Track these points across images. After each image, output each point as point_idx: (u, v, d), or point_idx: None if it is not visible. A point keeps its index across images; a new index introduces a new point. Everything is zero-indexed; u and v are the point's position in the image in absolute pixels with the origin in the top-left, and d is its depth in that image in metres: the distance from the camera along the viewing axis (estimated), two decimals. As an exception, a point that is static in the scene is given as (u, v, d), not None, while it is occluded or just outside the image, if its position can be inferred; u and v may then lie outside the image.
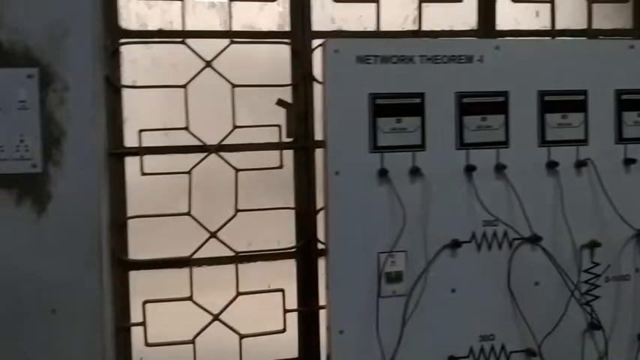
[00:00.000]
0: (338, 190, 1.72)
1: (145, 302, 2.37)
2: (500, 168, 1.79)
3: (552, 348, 1.87)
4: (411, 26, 2.54)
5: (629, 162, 1.90)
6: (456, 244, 1.78)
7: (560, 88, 1.86)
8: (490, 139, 1.81)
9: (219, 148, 2.38)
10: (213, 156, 2.41)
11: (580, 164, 1.87)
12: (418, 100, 1.75)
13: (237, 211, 2.40)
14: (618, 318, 1.93)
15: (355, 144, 1.72)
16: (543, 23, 2.65)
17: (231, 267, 2.46)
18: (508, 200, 1.81)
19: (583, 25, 2.68)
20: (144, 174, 2.33)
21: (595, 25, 2.70)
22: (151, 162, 2.40)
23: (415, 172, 1.74)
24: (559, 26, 2.66)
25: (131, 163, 2.39)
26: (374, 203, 1.73)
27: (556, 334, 1.86)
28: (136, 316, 2.40)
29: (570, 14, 2.68)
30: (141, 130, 2.33)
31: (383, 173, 1.72)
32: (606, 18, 2.71)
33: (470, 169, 1.78)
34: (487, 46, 1.81)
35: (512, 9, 2.63)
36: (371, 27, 2.50)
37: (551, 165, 1.84)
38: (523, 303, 1.83)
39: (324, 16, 2.46)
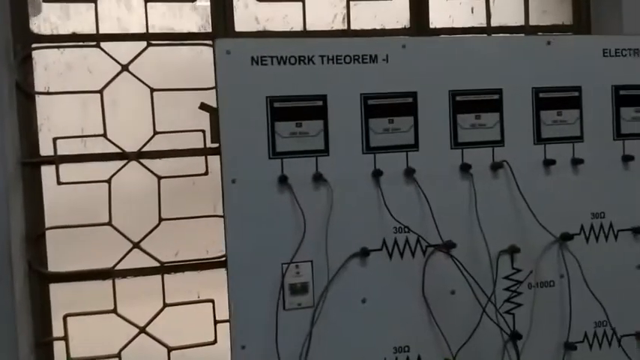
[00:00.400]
0: (235, 199, 1.62)
1: (66, 316, 2.28)
2: (409, 172, 1.70)
3: (472, 358, 1.77)
4: (340, 25, 2.45)
5: (548, 163, 1.81)
6: (364, 253, 1.69)
7: (472, 87, 1.76)
8: (398, 142, 1.71)
9: (140, 155, 2.29)
10: (136, 164, 2.32)
11: (496, 166, 1.77)
12: (320, 103, 1.66)
13: (161, 220, 2.31)
14: (543, 325, 1.83)
15: (253, 150, 1.62)
16: (479, 20, 2.57)
17: (159, 278, 2.37)
18: (419, 206, 1.72)
19: (521, 22, 2.60)
20: (60, 183, 2.24)
21: (534, 22, 2.61)
22: (72, 171, 2.31)
23: (318, 178, 1.64)
24: (496, 23, 2.57)
25: (49, 173, 2.29)
26: (275, 212, 1.63)
27: (475, 344, 1.76)
28: (57, 330, 2.31)
29: (507, 10, 2.60)
30: (55, 138, 2.24)
31: (283, 180, 1.63)
32: (545, 14, 2.63)
33: (377, 173, 1.68)
34: (393, 44, 1.72)
35: (446, 6, 2.54)
36: (298, 26, 2.41)
37: (465, 168, 1.74)
38: (439, 312, 1.74)
39: (247, 15, 2.38)
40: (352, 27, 2.49)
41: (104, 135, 2.33)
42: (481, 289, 1.72)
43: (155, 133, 2.36)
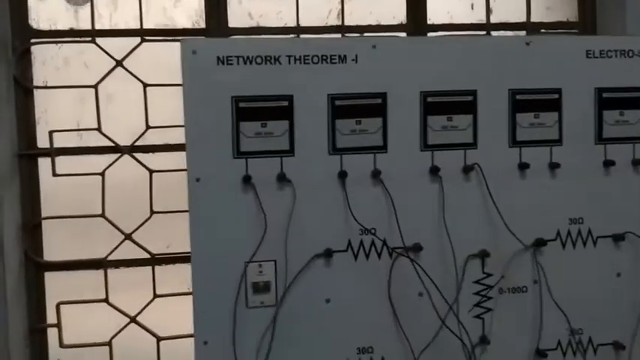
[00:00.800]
0: (199, 197, 1.65)
1: (59, 304, 2.36)
2: (376, 174, 1.70)
3: (439, 363, 1.76)
4: (335, 21, 2.45)
5: (523, 167, 1.77)
6: (328, 254, 1.69)
7: (445, 88, 1.74)
8: (366, 144, 1.70)
9: (133, 149, 2.34)
10: (130, 158, 2.37)
11: (467, 169, 1.75)
12: (285, 103, 1.67)
13: (153, 213, 2.36)
14: (514, 331, 1.81)
15: (217, 149, 1.64)
16: (479, 16, 2.52)
17: (150, 269, 2.42)
18: (387, 208, 1.71)
19: (523, 18, 2.54)
20: (55, 175, 2.31)
21: (537, 18, 2.56)
22: (68, 163, 2.38)
23: (282, 178, 1.66)
24: (497, 19, 2.53)
25: (46, 165, 2.37)
26: (239, 211, 1.65)
27: (441, 348, 1.75)
28: (51, 317, 2.39)
29: (509, 7, 2.55)
30: (51, 131, 2.31)
31: (247, 180, 1.65)
32: (549, 10, 2.57)
33: (343, 175, 1.69)
34: (362, 44, 1.70)
35: (445, 2, 2.51)
36: (291, 22, 2.42)
37: (434, 170, 1.73)
38: (405, 315, 1.73)
39: (241, 11, 2.40)
40: (347, 23, 2.48)
41: (98, 129, 2.38)
42: (442, 297, 1.70)
43: (148, 127, 2.41)
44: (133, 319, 2.45)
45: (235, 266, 1.70)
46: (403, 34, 2.50)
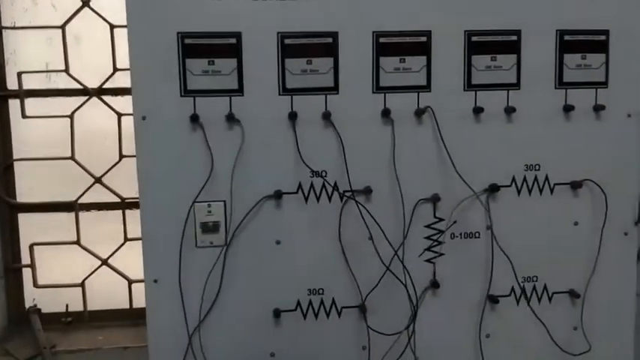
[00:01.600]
0: (145, 136, 1.62)
1: (32, 245, 2.37)
2: (327, 116, 1.65)
3: (387, 305, 1.75)
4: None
5: (478, 111, 1.72)
6: (278, 195, 1.67)
7: (399, 28, 1.68)
8: (317, 84, 1.66)
9: (101, 92, 2.31)
10: (98, 100, 2.34)
11: (420, 112, 1.70)
12: (233, 41, 1.62)
13: (122, 156, 2.35)
14: (466, 276, 1.78)
15: (164, 87, 1.60)
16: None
17: (120, 213, 2.42)
18: (338, 151, 1.68)
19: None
20: (25, 117, 2.29)
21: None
22: (38, 105, 2.35)
23: (231, 118, 1.62)
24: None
25: (16, 106, 2.34)
26: (186, 150, 1.62)
27: (390, 291, 1.73)
28: (25, 258, 2.40)
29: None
30: (20, 73, 2.28)
31: (195, 119, 1.61)
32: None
33: (293, 116, 1.65)
34: (313, -19, 1.64)
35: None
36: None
37: (386, 113, 1.68)
38: (356, 258, 1.71)
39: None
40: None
41: (66, 70, 2.35)
42: (389, 242, 1.67)
43: (115, 69, 2.37)
44: (104, 262, 2.45)
45: (183, 206, 1.68)
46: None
